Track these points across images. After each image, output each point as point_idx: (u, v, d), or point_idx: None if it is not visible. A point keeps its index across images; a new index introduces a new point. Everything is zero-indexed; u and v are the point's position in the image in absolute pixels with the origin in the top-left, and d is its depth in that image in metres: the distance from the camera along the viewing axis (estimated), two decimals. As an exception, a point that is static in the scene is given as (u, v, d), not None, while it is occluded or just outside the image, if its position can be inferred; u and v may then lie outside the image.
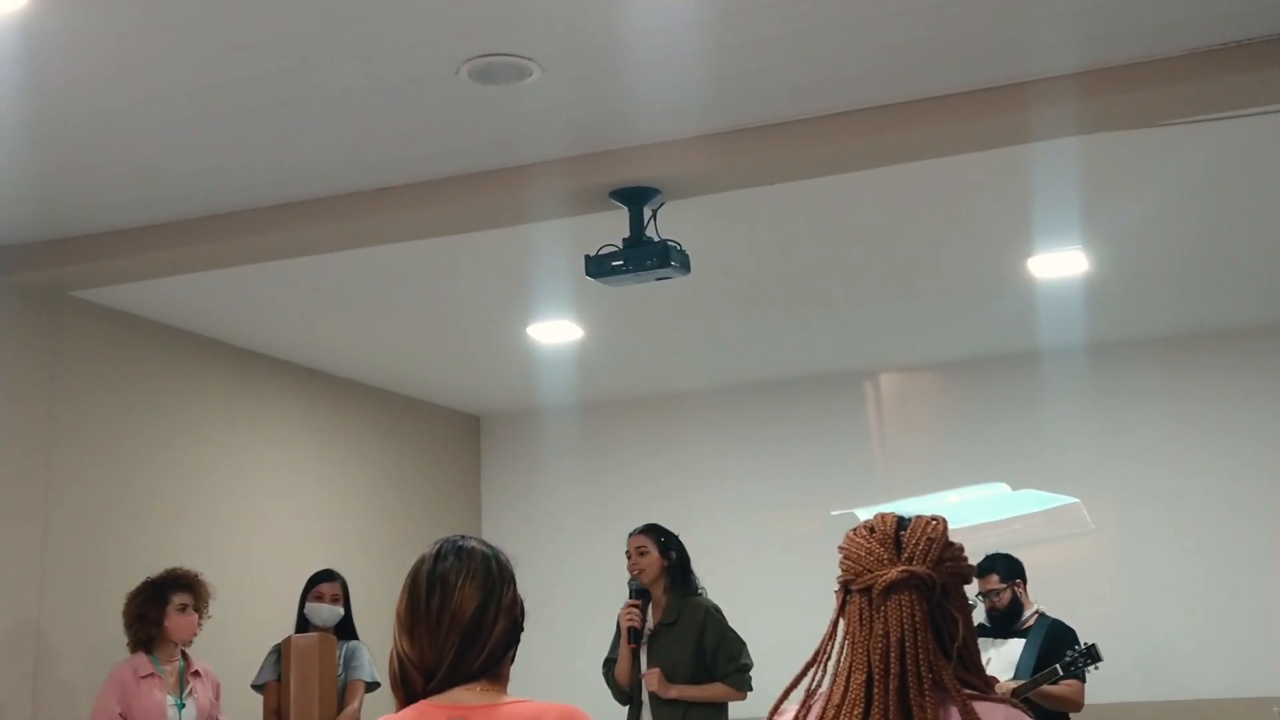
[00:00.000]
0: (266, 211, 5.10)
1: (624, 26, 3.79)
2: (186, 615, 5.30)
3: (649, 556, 5.29)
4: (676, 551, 5.35)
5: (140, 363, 6.30)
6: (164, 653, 5.28)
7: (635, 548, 5.32)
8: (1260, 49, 3.99)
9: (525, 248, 5.63)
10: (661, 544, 5.32)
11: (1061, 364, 7.49)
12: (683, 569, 5.34)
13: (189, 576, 5.38)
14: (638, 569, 5.30)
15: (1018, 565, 5.77)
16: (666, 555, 5.30)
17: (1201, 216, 5.57)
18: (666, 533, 5.38)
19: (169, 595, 5.29)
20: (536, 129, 4.51)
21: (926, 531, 1.91)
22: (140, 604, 5.28)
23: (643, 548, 5.31)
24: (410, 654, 2.09)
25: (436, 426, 8.54)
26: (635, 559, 5.31)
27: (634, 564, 5.31)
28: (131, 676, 5.16)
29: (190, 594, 5.33)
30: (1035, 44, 4.02)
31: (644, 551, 5.30)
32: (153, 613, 5.26)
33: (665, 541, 5.33)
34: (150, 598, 5.28)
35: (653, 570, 5.29)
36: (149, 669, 5.20)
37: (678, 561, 5.33)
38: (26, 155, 4.54)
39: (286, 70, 3.97)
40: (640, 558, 5.30)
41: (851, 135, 4.44)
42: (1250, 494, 7.15)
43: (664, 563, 5.29)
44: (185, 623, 5.29)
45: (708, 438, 8.29)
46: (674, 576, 5.30)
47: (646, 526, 5.39)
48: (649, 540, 5.32)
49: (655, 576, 5.30)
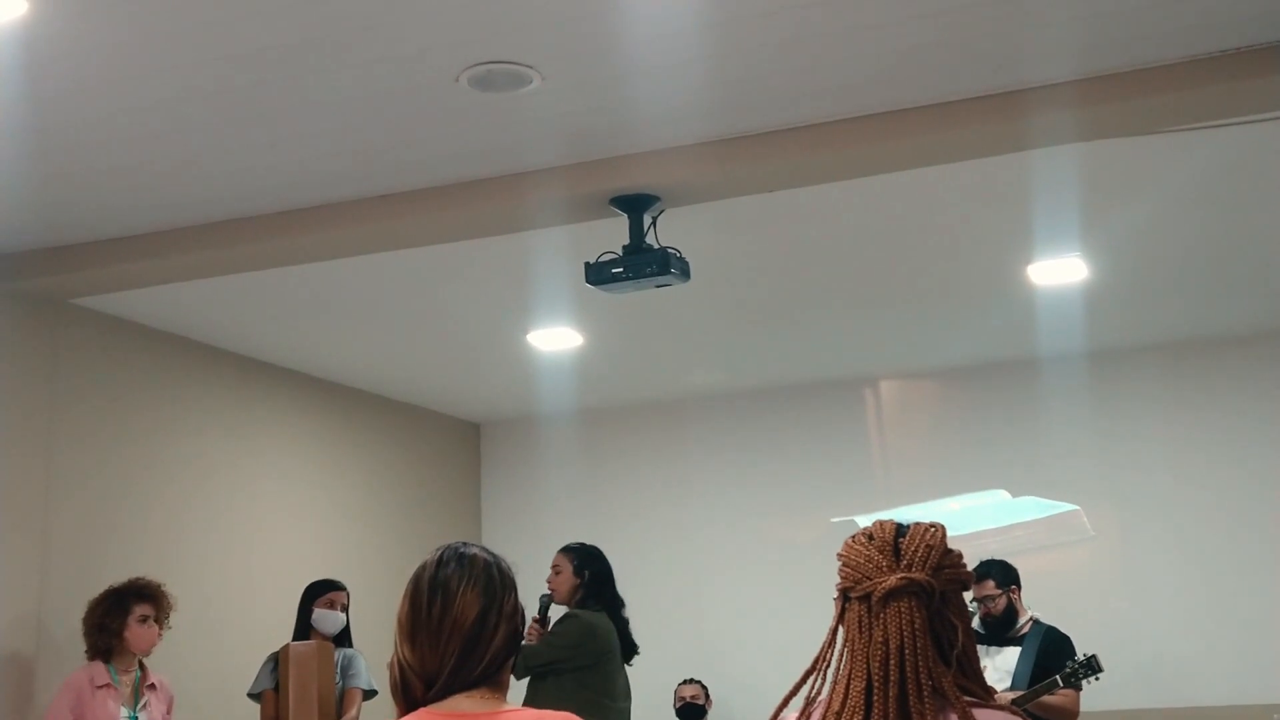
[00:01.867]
0: (266, 219, 5.10)
1: (623, 34, 3.80)
2: (147, 627, 5.26)
3: (563, 574, 5.38)
4: (591, 570, 5.39)
5: (140, 370, 6.31)
6: (121, 663, 5.24)
7: (552, 565, 5.42)
8: (1259, 56, 4.00)
9: (525, 255, 5.63)
10: (576, 564, 5.39)
11: (1061, 371, 7.49)
12: (598, 587, 5.37)
13: (151, 587, 5.34)
14: (551, 586, 5.40)
15: (1013, 572, 5.77)
16: (580, 574, 5.37)
17: (1200, 223, 5.58)
18: (586, 552, 5.44)
19: (131, 605, 5.25)
20: (536, 136, 4.51)
21: (925, 539, 1.91)
22: (101, 613, 5.24)
23: (558, 566, 5.41)
24: (411, 661, 2.09)
25: (436, 433, 8.54)
26: (550, 576, 5.41)
27: (548, 580, 5.41)
28: (87, 685, 5.12)
29: (152, 605, 5.30)
30: (1034, 51, 4.03)
31: (558, 570, 5.40)
32: (114, 623, 5.22)
33: (580, 561, 5.40)
34: (112, 607, 5.25)
35: (564, 588, 5.37)
36: (105, 679, 5.16)
37: (591, 580, 5.37)
38: (26, 162, 4.55)
39: (286, 78, 3.98)
40: (555, 576, 5.40)
41: (851, 143, 4.45)
42: (1250, 501, 7.14)
43: (576, 580, 5.36)
44: (146, 634, 5.25)
45: (707, 445, 8.29)
46: (586, 595, 5.35)
47: (567, 545, 5.48)
48: (565, 558, 5.41)
49: (567, 594, 5.37)
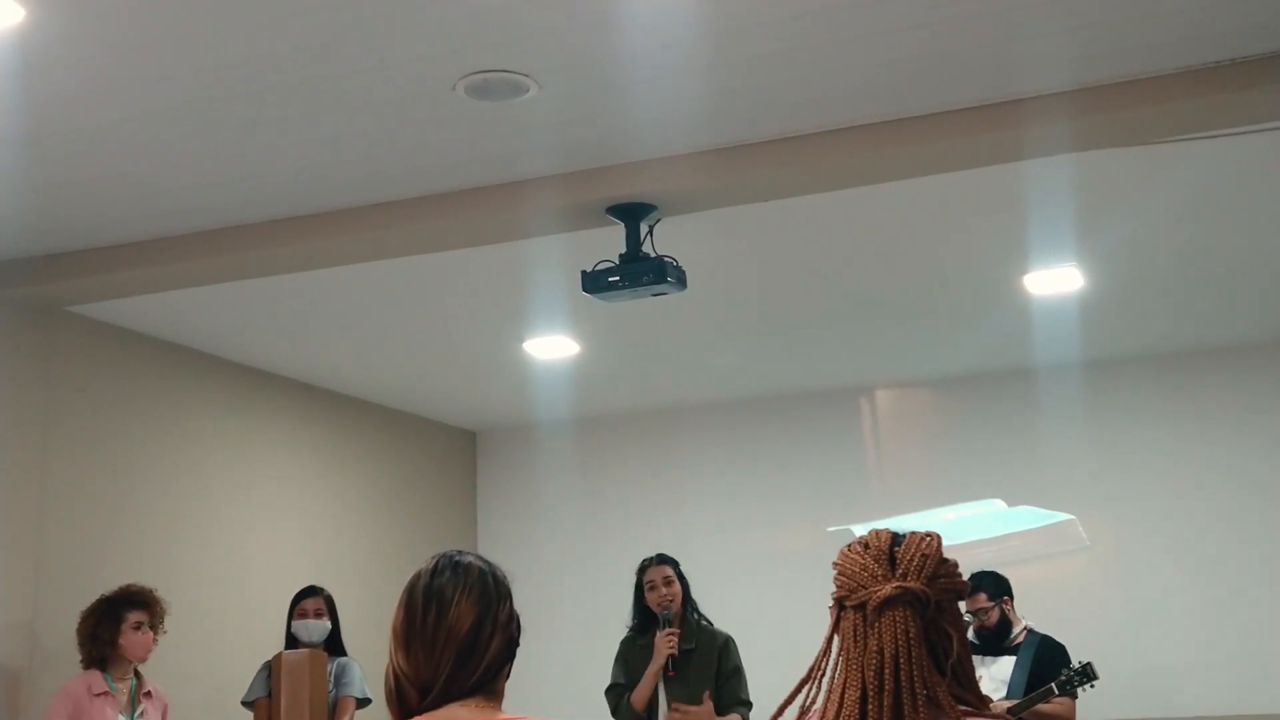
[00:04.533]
0: (263, 227, 5.10)
1: (620, 43, 3.80)
2: (142, 633, 5.23)
3: (674, 586, 5.37)
4: (684, 580, 5.44)
5: (136, 378, 6.30)
6: (118, 670, 5.22)
7: (662, 578, 5.38)
8: (1252, 68, 4.01)
9: (522, 263, 5.63)
10: (679, 573, 5.41)
11: (1057, 380, 7.50)
12: (689, 597, 5.43)
13: (144, 594, 5.31)
14: (670, 598, 5.34)
15: (1004, 583, 5.78)
16: (684, 584, 5.41)
17: (1195, 233, 5.59)
18: (677, 562, 5.48)
19: (124, 613, 5.22)
20: (533, 145, 4.52)
21: (921, 548, 1.91)
22: (94, 623, 5.21)
23: (669, 578, 5.39)
24: (406, 669, 2.09)
25: (433, 442, 8.53)
26: (664, 589, 5.35)
27: (667, 594, 5.35)
28: (85, 693, 5.09)
29: (146, 611, 5.27)
30: (1029, 62, 4.04)
31: (669, 581, 5.38)
32: (107, 632, 5.19)
33: (679, 570, 5.43)
34: (105, 615, 5.22)
35: (679, 599, 5.37)
36: (102, 687, 5.13)
37: (687, 590, 5.43)
38: (22, 170, 4.55)
39: (283, 86, 3.98)
40: (668, 587, 5.36)
41: (846, 153, 4.46)
42: (1246, 510, 7.14)
43: (682, 592, 5.39)
44: (141, 641, 5.23)
45: (704, 453, 8.29)
46: (689, 605, 5.40)
47: (665, 556, 5.47)
48: (671, 570, 5.41)
49: (679, 605, 5.39)
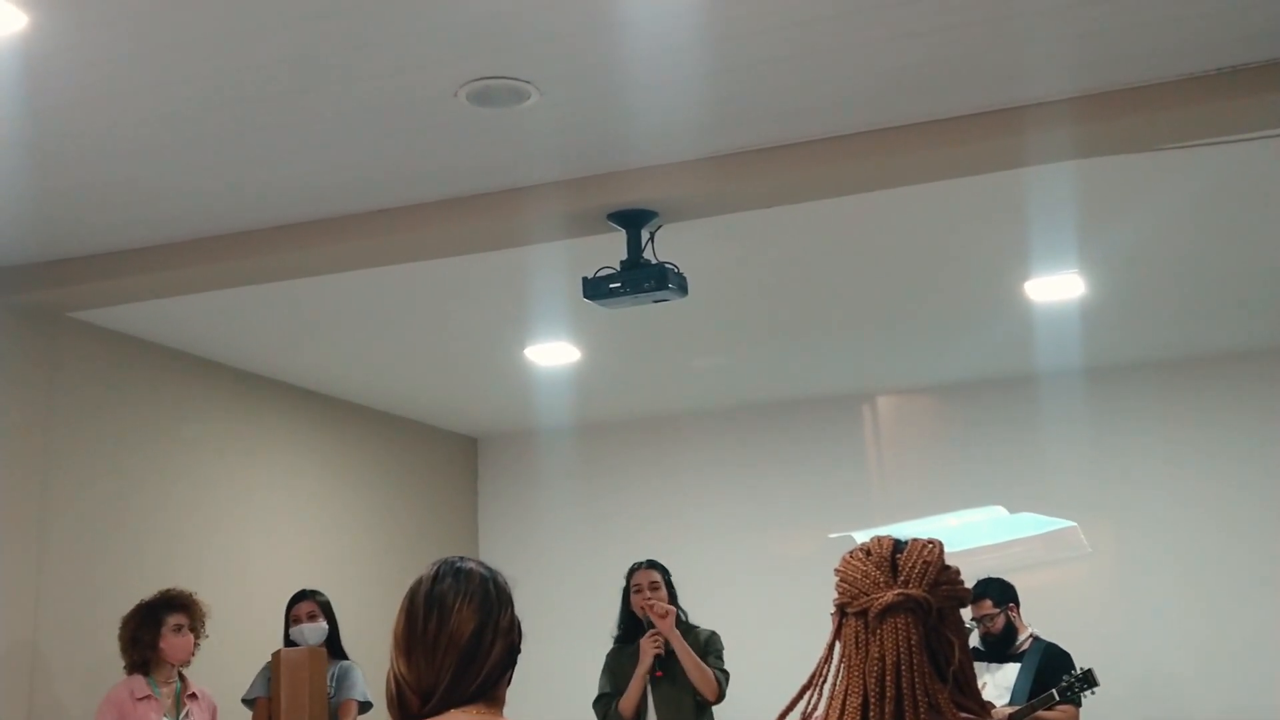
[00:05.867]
0: (265, 233, 5.11)
1: (622, 50, 3.81)
2: (182, 636, 5.25)
3: (660, 591, 5.46)
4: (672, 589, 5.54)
5: (138, 384, 6.31)
6: (161, 674, 5.24)
7: (648, 582, 5.47)
8: (1255, 75, 4.01)
9: (523, 270, 5.63)
10: (669, 581, 5.51)
11: (1058, 387, 7.50)
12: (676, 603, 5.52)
13: (183, 597, 5.33)
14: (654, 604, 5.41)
15: (1010, 590, 5.77)
16: (672, 593, 5.49)
17: (1197, 241, 5.59)
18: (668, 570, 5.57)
19: (163, 617, 5.24)
20: (534, 151, 4.52)
21: (923, 555, 1.91)
22: (135, 627, 5.23)
23: (655, 582, 5.48)
24: (407, 675, 2.09)
25: (434, 448, 8.53)
26: (650, 593, 5.44)
27: (654, 598, 5.42)
28: (129, 699, 5.11)
29: (185, 614, 5.28)
30: (1031, 69, 4.04)
31: (655, 585, 5.46)
32: (147, 635, 5.21)
33: (670, 579, 5.52)
34: (144, 620, 5.23)
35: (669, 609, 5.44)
36: (146, 691, 5.16)
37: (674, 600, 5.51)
38: (25, 176, 4.54)
39: (284, 92, 3.98)
40: (654, 591, 5.44)
41: (848, 159, 4.46)
42: (1247, 518, 7.14)
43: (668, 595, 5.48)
44: (181, 644, 5.25)
45: (705, 460, 8.29)
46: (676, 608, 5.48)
47: (654, 562, 5.57)
48: (659, 575, 5.50)
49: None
